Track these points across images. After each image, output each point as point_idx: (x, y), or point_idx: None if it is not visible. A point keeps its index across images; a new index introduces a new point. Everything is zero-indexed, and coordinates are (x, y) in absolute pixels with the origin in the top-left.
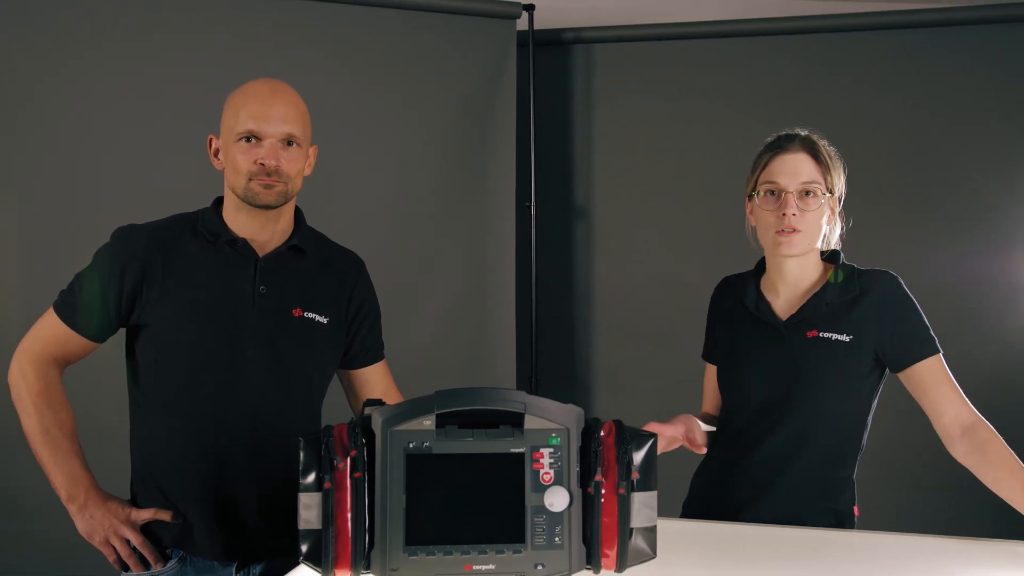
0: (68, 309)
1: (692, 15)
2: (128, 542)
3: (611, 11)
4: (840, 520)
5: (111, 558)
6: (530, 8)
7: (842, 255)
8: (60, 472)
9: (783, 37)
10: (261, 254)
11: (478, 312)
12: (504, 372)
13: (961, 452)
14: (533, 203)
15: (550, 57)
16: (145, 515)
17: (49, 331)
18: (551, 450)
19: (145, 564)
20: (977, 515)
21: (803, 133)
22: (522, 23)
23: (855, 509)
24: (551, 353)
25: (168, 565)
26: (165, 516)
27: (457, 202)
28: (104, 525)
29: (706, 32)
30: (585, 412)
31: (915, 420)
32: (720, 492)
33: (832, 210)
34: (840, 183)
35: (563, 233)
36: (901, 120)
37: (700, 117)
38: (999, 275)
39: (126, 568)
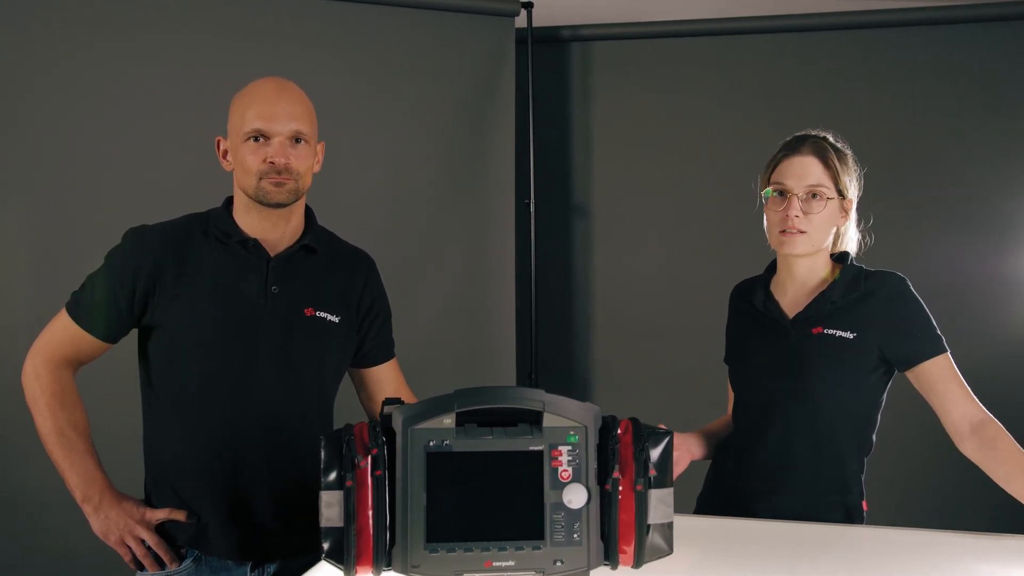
0: (81, 310)
1: (689, 13)
2: (143, 542)
3: (609, 9)
4: (850, 515)
5: (126, 558)
6: (528, 6)
7: (851, 256)
8: (75, 473)
9: (782, 35)
10: (273, 254)
11: (478, 310)
12: (504, 369)
13: (970, 448)
14: (532, 201)
15: (548, 55)
16: (160, 515)
17: (62, 333)
18: (569, 447)
19: (160, 564)
20: (980, 510)
21: (816, 135)
22: (521, 21)
23: (864, 504)
24: (550, 350)
25: (183, 565)
26: (180, 516)
27: (456, 200)
28: (119, 525)
29: (704, 30)
30: None
31: (921, 417)
32: (732, 487)
33: (845, 211)
34: (853, 185)
35: (562, 231)
36: (900, 118)
37: (698, 115)
38: (997, 272)
39: (141, 568)
